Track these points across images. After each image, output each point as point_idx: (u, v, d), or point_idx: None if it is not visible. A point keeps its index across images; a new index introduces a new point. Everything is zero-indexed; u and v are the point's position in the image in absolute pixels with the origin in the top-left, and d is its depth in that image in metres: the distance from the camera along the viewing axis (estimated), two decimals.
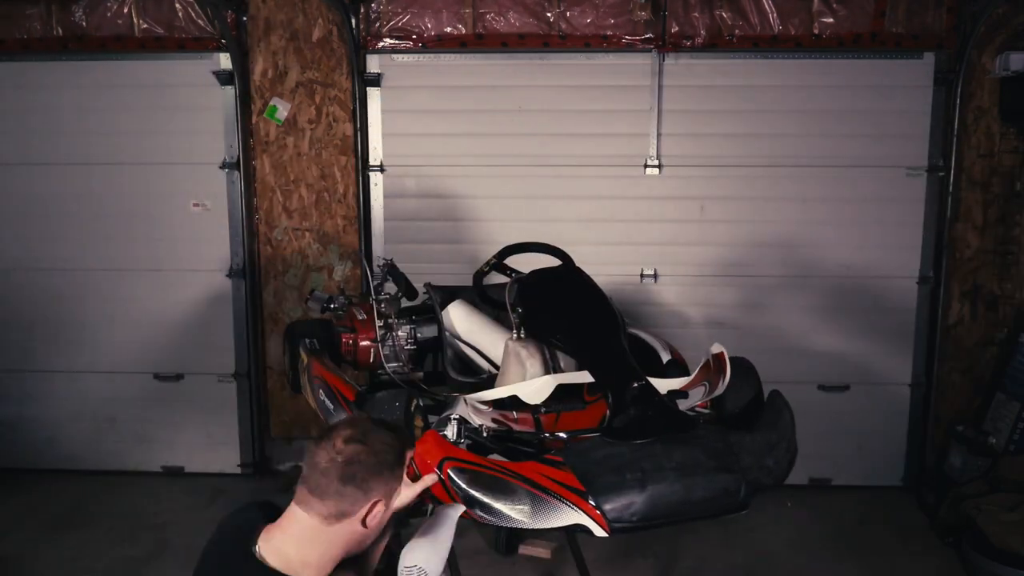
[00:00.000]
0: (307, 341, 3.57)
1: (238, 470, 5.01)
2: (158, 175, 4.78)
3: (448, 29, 4.64)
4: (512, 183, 4.75)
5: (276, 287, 4.87)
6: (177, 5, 4.65)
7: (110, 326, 4.92)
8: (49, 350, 4.96)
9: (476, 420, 2.70)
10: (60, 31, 4.69)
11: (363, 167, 4.77)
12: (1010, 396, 4.52)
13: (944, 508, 4.22)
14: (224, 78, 4.65)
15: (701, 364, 2.86)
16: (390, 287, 3.81)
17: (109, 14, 4.66)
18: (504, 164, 4.74)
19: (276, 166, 4.74)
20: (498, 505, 2.26)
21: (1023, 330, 4.63)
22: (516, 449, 2.60)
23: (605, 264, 4.66)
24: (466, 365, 3.61)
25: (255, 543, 1.74)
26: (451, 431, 2.56)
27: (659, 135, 4.65)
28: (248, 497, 4.70)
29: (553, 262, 3.53)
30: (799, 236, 4.72)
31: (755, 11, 4.53)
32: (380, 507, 1.80)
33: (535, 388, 2.85)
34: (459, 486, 2.30)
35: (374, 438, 1.80)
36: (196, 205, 4.82)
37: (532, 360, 3.05)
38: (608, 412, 2.72)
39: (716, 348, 2.81)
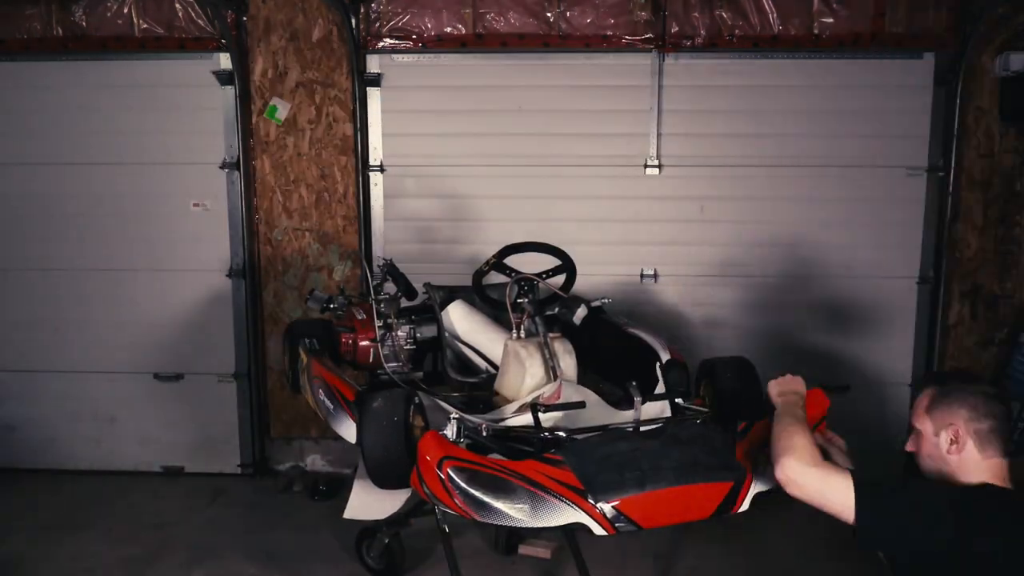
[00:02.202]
0: (307, 341, 3.57)
1: (238, 470, 5.01)
2: (158, 175, 4.78)
3: (448, 29, 4.64)
4: (512, 183, 4.75)
5: (276, 287, 4.87)
6: (177, 5, 4.65)
7: (110, 326, 4.92)
8: (49, 350, 4.96)
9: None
10: (60, 31, 4.69)
11: (363, 167, 4.77)
12: (1010, 396, 4.52)
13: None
14: (224, 78, 4.65)
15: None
16: (390, 287, 3.81)
17: (109, 14, 4.66)
18: (504, 164, 4.74)
19: (276, 166, 4.75)
20: (497, 504, 2.27)
21: (1023, 330, 4.63)
22: (515, 448, 2.60)
23: (605, 264, 4.68)
24: (465, 365, 3.61)
25: None
26: (451, 430, 2.56)
27: (659, 135, 4.65)
28: (248, 497, 4.73)
29: (553, 262, 3.53)
30: (799, 236, 4.72)
31: (755, 11, 4.53)
32: None
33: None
34: (458, 485, 2.30)
35: None
36: (196, 205, 4.82)
37: (532, 360, 3.05)
38: None
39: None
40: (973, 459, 2.03)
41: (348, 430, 2.96)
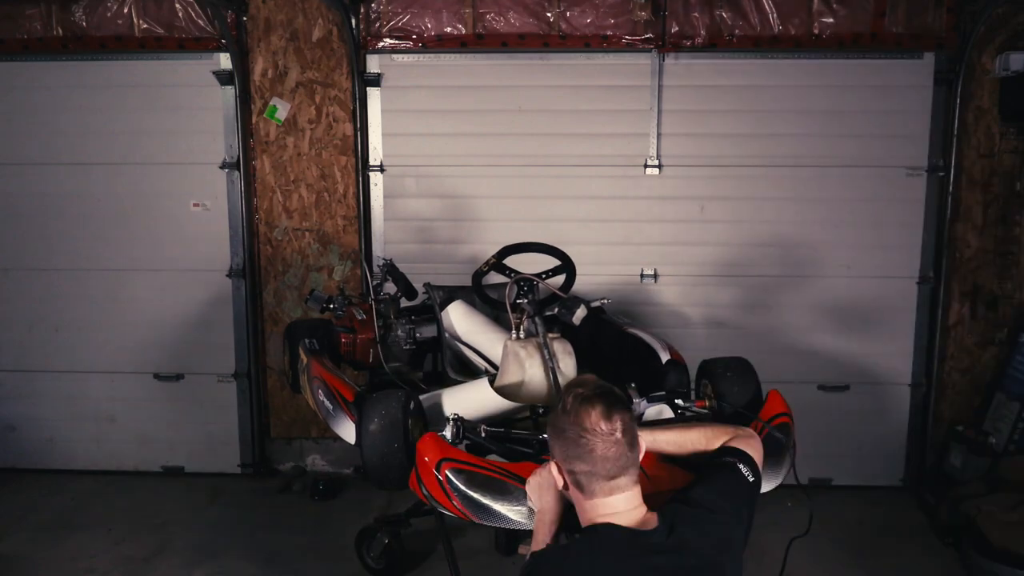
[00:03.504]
0: (307, 341, 3.57)
1: (238, 470, 5.01)
2: (158, 175, 4.79)
3: (448, 29, 4.64)
4: (512, 183, 4.75)
5: (276, 287, 4.87)
6: (177, 5, 4.65)
7: (110, 326, 4.92)
8: (49, 350, 4.96)
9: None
10: (60, 31, 4.69)
11: (363, 167, 4.77)
12: (1010, 396, 4.52)
13: (944, 508, 4.22)
14: (224, 78, 4.65)
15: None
16: (390, 287, 3.81)
17: (109, 14, 4.66)
18: (504, 164, 4.74)
19: (276, 166, 4.75)
20: (496, 506, 2.26)
21: (1023, 330, 4.63)
22: (514, 450, 2.60)
23: (605, 264, 4.68)
24: (465, 365, 3.61)
25: None
26: (450, 432, 2.56)
27: (659, 135, 4.65)
28: (248, 497, 4.73)
29: (553, 262, 3.53)
30: (799, 236, 4.72)
31: (755, 11, 4.53)
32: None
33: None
34: (457, 487, 2.30)
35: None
36: (196, 205, 4.82)
37: (531, 360, 3.05)
38: None
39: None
40: (579, 500, 1.80)
41: (347, 430, 2.95)
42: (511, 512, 2.25)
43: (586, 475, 1.76)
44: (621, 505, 1.78)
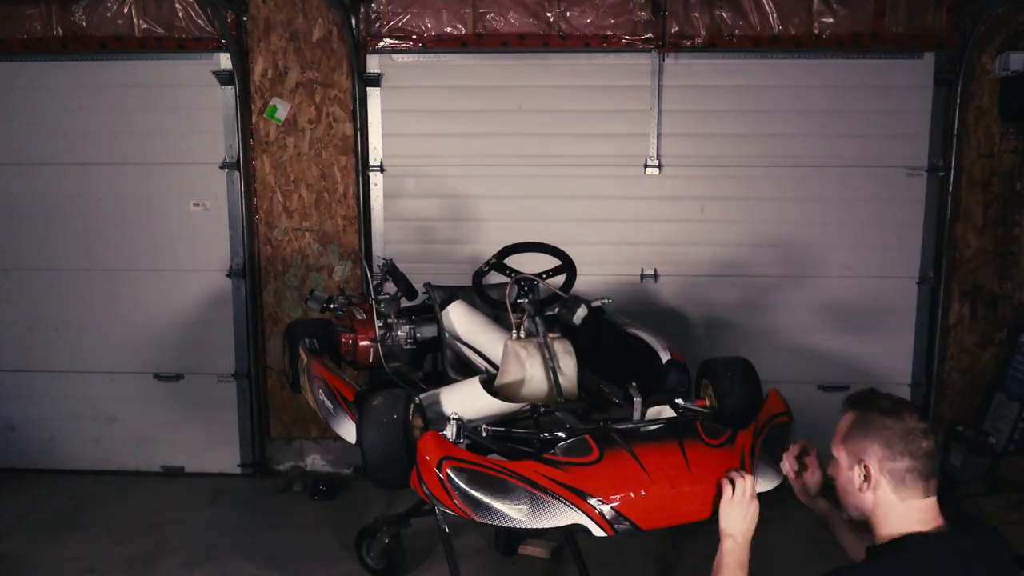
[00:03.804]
0: (307, 341, 3.57)
1: (238, 470, 5.01)
2: (158, 175, 4.79)
3: (448, 29, 4.64)
4: (512, 183, 4.75)
5: (276, 287, 4.87)
6: (177, 5, 4.65)
7: (110, 326, 4.92)
8: (49, 350, 4.96)
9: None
10: (60, 31, 4.69)
11: (363, 167, 4.77)
12: (1010, 396, 4.52)
13: (944, 508, 4.21)
14: (224, 78, 4.65)
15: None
16: (390, 287, 3.81)
17: (109, 14, 4.66)
18: (504, 164, 4.74)
19: (276, 166, 4.75)
20: (497, 504, 2.26)
21: (1023, 330, 4.63)
22: (515, 449, 2.60)
23: (605, 264, 4.68)
24: (465, 365, 3.61)
25: None
26: (451, 431, 2.56)
27: (659, 135, 4.65)
28: (248, 497, 4.73)
29: (553, 262, 3.53)
30: (799, 236, 4.72)
31: (755, 11, 4.53)
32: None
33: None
34: (458, 485, 2.30)
35: None
36: (196, 205, 4.82)
37: (531, 360, 3.05)
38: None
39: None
40: (889, 501, 1.89)
41: (348, 430, 2.96)
42: (512, 510, 2.25)
43: (911, 472, 1.87)
44: (930, 512, 1.91)
